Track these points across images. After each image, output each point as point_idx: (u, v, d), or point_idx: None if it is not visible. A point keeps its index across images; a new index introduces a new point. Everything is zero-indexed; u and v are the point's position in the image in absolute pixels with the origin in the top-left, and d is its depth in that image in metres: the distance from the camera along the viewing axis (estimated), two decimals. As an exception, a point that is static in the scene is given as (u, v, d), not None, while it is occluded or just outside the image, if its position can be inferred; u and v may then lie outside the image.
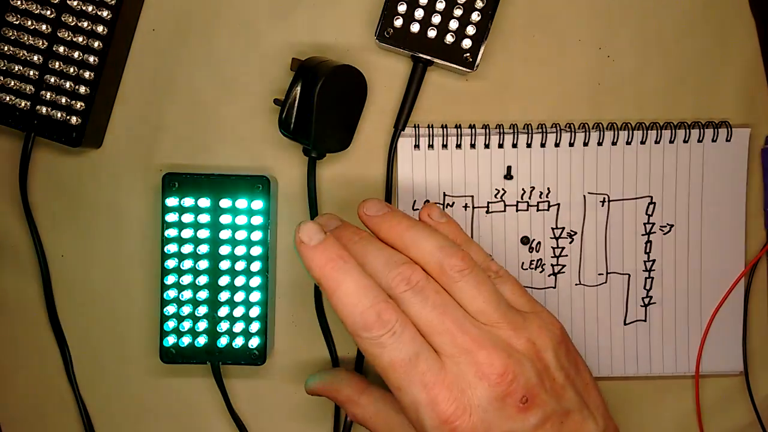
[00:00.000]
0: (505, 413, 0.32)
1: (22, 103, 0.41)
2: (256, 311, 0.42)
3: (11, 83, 0.40)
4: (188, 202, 0.42)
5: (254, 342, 0.42)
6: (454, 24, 0.42)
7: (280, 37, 0.44)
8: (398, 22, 0.42)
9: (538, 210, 0.45)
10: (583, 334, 0.45)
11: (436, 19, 0.42)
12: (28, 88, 0.41)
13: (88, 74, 0.41)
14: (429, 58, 0.42)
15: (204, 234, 0.42)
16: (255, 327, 0.42)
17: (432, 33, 0.42)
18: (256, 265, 0.42)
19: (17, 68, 0.40)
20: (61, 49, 0.40)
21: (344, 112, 0.43)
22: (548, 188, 0.45)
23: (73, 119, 0.41)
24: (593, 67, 0.45)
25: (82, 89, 0.41)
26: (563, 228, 0.45)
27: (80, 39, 0.40)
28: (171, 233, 0.42)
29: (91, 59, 0.41)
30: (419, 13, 0.42)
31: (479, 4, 0.42)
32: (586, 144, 0.44)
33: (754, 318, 0.46)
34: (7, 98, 0.41)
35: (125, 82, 0.44)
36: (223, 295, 0.42)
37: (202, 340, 0.42)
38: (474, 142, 0.44)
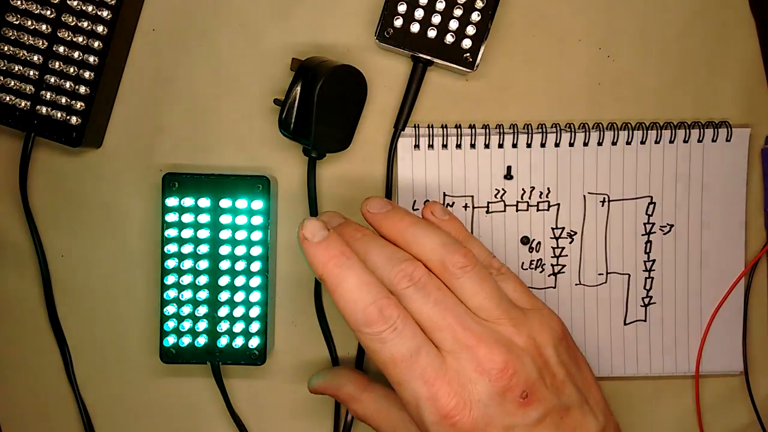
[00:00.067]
0: (505, 408, 0.33)
1: (22, 103, 0.41)
2: (256, 311, 0.42)
3: (11, 83, 0.40)
4: (188, 202, 0.42)
5: (254, 342, 0.42)
6: (454, 24, 0.42)
7: (280, 37, 0.44)
8: (398, 22, 0.42)
9: (538, 210, 0.45)
10: (583, 334, 0.45)
11: (436, 19, 0.42)
12: (28, 88, 0.41)
13: (88, 74, 0.41)
14: (429, 58, 0.42)
15: (204, 234, 0.42)
16: (255, 327, 0.42)
17: (432, 33, 0.42)
18: (256, 265, 0.42)
19: (17, 68, 0.40)
20: (61, 49, 0.40)
21: (344, 112, 0.43)
22: (548, 188, 0.45)
23: (73, 119, 0.41)
24: (593, 67, 0.45)
25: (82, 89, 0.41)
26: (563, 228, 0.45)
27: (80, 39, 0.40)
28: (171, 233, 0.42)
29: (91, 59, 0.41)
30: (419, 13, 0.42)
31: (479, 4, 0.42)
32: (586, 144, 0.44)
33: (754, 318, 0.46)
34: (7, 98, 0.41)
35: (125, 82, 0.44)
36: (223, 295, 0.42)
37: (202, 340, 0.42)
38: (474, 142, 0.44)
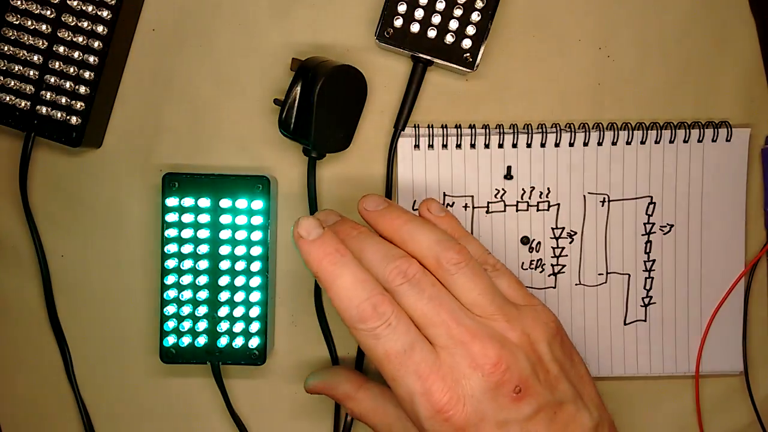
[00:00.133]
0: (499, 403, 0.33)
1: (22, 103, 0.41)
2: (256, 311, 0.42)
3: (11, 83, 0.40)
4: (188, 202, 0.42)
5: (254, 342, 0.42)
6: (454, 24, 0.42)
7: (280, 37, 0.44)
8: (398, 22, 0.42)
9: (538, 210, 0.45)
10: (583, 334, 0.45)
11: (436, 19, 0.42)
12: (28, 88, 0.41)
13: (88, 74, 0.41)
14: (429, 58, 0.42)
15: (204, 234, 0.42)
16: (255, 327, 0.42)
17: (432, 33, 0.42)
18: (256, 265, 0.42)
19: (17, 68, 0.40)
20: (61, 49, 0.40)
21: (344, 112, 0.43)
22: (548, 188, 0.45)
23: (73, 119, 0.41)
24: (593, 67, 0.45)
25: (82, 89, 0.41)
26: (563, 228, 0.45)
27: (80, 39, 0.40)
28: (171, 233, 0.42)
29: (91, 59, 0.41)
30: (419, 13, 0.42)
31: (479, 4, 0.42)
32: (586, 144, 0.44)
33: (754, 318, 0.46)
34: (7, 98, 0.41)
35: (125, 82, 0.44)
36: (223, 295, 0.42)
37: (202, 340, 0.42)
38: (474, 142, 0.44)
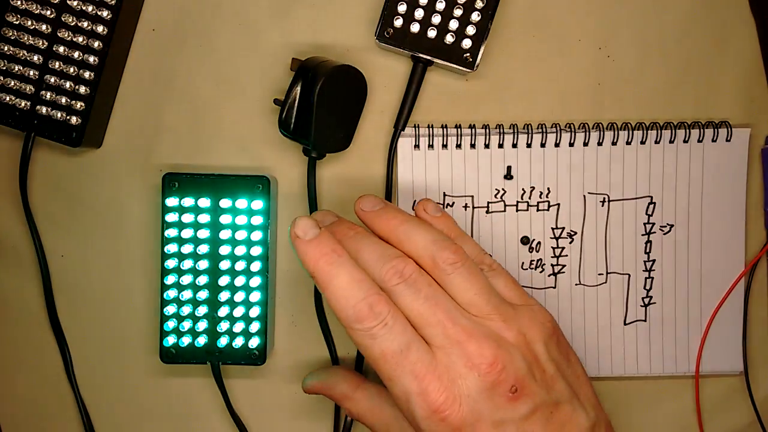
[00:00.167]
0: (495, 403, 0.33)
1: (22, 103, 0.41)
2: (256, 311, 0.42)
3: (11, 83, 0.40)
4: (188, 202, 0.42)
5: (254, 342, 0.42)
6: (454, 24, 0.42)
7: (280, 37, 0.44)
8: (398, 22, 0.42)
9: (538, 210, 0.45)
10: (583, 334, 0.45)
11: (436, 19, 0.42)
12: (28, 88, 0.41)
13: (88, 74, 0.41)
14: (429, 58, 0.42)
15: (204, 234, 0.42)
16: (255, 327, 0.42)
17: (432, 33, 0.42)
18: (256, 265, 0.42)
19: (17, 68, 0.40)
20: (61, 49, 0.40)
21: (344, 112, 0.43)
22: (548, 188, 0.45)
23: (73, 119, 0.41)
24: (593, 67, 0.45)
25: (82, 89, 0.41)
26: (563, 228, 0.45)
27: (80, 39, 0.40)
28: (171, 233, 0.42)
29: (91, 59, 0.41)
30: (419, 13, 0.42)
31: (479, 4, 0.42)
32: (586, 144, 0.44)
33: (754, 318, 0.46)
34: (7, 98, 0.41)
35: (125, 82, 0.44)
36: (223, 295, 0.42)
37: (202, 340, 0.42)
38: (474, 142, 0.44)
